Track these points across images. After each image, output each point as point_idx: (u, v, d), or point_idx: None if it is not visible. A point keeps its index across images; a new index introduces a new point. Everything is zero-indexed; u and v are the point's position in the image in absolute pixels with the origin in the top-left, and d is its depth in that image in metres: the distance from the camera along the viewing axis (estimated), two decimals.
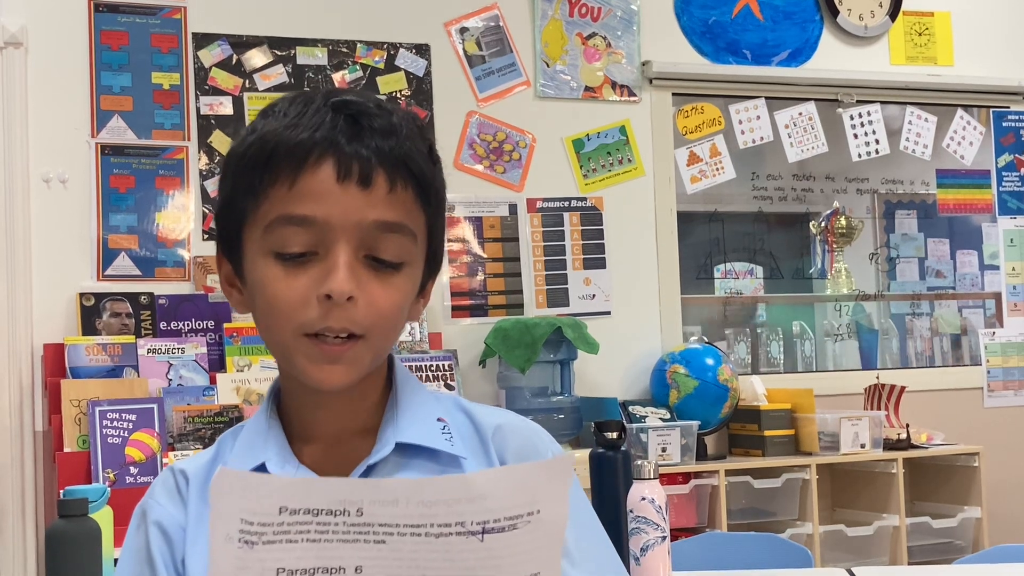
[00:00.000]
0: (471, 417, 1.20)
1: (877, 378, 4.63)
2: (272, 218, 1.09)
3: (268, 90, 4.14)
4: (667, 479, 3.89)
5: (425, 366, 3.87)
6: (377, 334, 1.10)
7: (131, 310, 3.83)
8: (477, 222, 4.33)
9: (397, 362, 1.21)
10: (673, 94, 4.69)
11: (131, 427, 3.47)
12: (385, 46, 4.30)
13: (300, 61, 4.19)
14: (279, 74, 4.16)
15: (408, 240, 1.11)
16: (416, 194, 1.12)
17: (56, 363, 3.69)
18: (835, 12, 4.91)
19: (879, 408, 4.53)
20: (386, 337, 1.12)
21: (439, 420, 1.17)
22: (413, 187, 1.11)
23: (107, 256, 3.93)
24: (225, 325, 3.83)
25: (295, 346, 1.09)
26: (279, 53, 4.18)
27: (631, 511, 2.05)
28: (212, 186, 4.06)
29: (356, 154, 1.08)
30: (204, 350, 3.76)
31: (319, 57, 4.22)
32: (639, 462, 2.09)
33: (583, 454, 2.53)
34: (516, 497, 0.87)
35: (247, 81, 4.13)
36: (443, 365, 3.92)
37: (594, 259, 4.50)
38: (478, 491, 0.86)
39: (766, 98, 4.82)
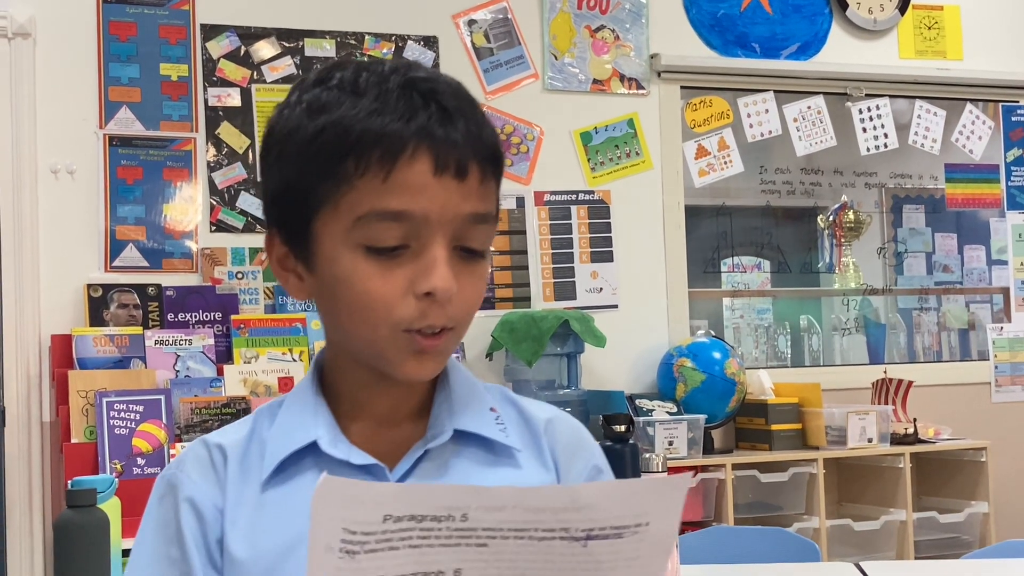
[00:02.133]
0: (519, 409, 1.18)
1: (884, 373, 4.62)
2: (363, 212, 1.03)
3: (276, 82, 4.14)
4: (674, 472, 3.88)
5: None
6: (465, 323, 1.09)
7: (139, 301, 3.83)
8: None
9: None
10: (681, 87, 4.69)
11: (138, 418, 3.47)
12: (393, 38, 4.30)
13: (308, 53, 4.19)
14: (287, 66, 4.16)
15: (492, 228, 1.10)
16: (495, 179, 1.11)
17: (64, 354, 3.69)
18: (844, 6, 4.89)
19: (886, 403, 4.52)
20: (469, 324, 1.10)
21: (492, 410, 1.15)
22: (495, 174, 1.10)
23: (115, 247, 3.93)
24: (232, 317, 3.83)
25: (390, 341, 1.06)
26: (287, 45, 4.17)
27: None
28: (220, 177, 4.06)
29: (452, 146, 1.04)
30: (211, 342, 3.76)
31: (327, 49, 4.21)
32: (647, 455, 2.09)
33: None
34: (625, 509, 0.85)
35: (255, 73, 4.13)
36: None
37: (601, 252, 4.50)
38: (585, 501, 0.85)
39: (775, 91, 4.81)
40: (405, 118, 1.03)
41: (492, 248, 1.17)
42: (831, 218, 5.02)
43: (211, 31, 4.10)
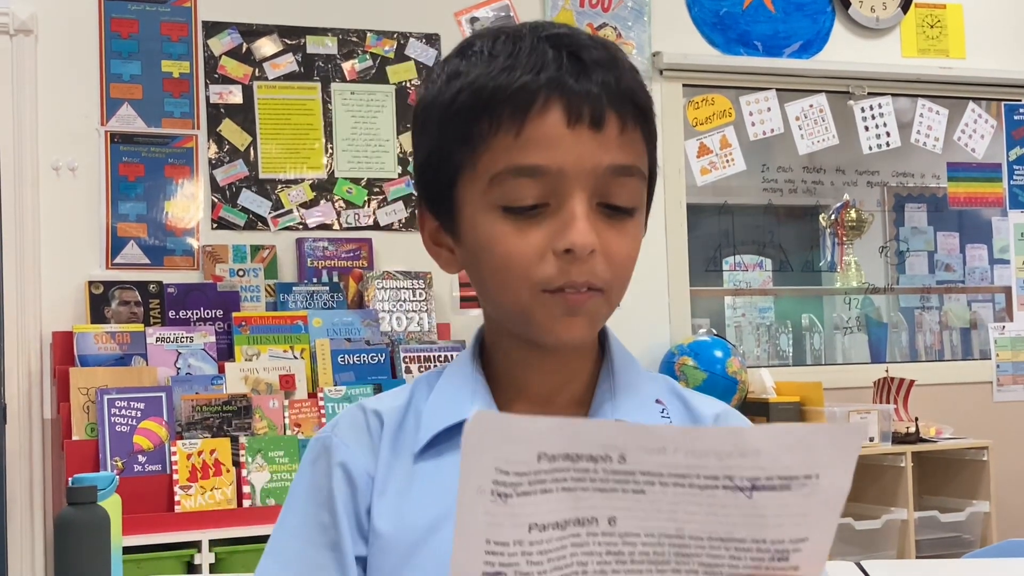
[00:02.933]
0: (686, 403, 1.14)
1: (886, 371, 4.62)
2: (498, 170, 1.00)
3: (278, 79, 4.14)
4: None
5: (433, 356, 3.87)
6: (616, 286, 1.04)
7: (140, 299, 3.83)
8: None
9: (611, 333, 1.13)
10: (683, 85, 4.68)
11: (139, 416, 3.47)
12: (395, 35, 4.29)
13: (310, 50, 4.19)
14: (289, 63, 4.16)
15: (639, 183, 1.06)
16: (643, 131, 1.06)
17: (65, 351, 3.69)
18: (847, 4, 4.89)
19: (888, 402, 4.52)
20: (622, 288, 1.05)
21: (657, 402, 1.11)
22: (640, 124, 1.05)
23: (116, 244, 3.93)
24: (234, 314, 3.83)
25: (534, 303, 1.01)
26: (289, 42, 4.17)
27: None
28: (221, 175, 4.06)
29: (586, 94, 1.00)
30: (213, 339, 3.75)
31: (329, 46, 4.21)
32: None
33: None
34: (793, 457, 0.80)
35: (257, 70, 4.13)
36: (451, 356, 3.92)
37: None
38: (752, 446, 0.79)
39: (777, 90, 4.81)
40: (536, 71, 1.00)
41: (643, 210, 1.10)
42: (833, 217, 5.02)
43: (213, 28, 4.09)
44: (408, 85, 4.27)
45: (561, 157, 0.99)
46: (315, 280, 4.04)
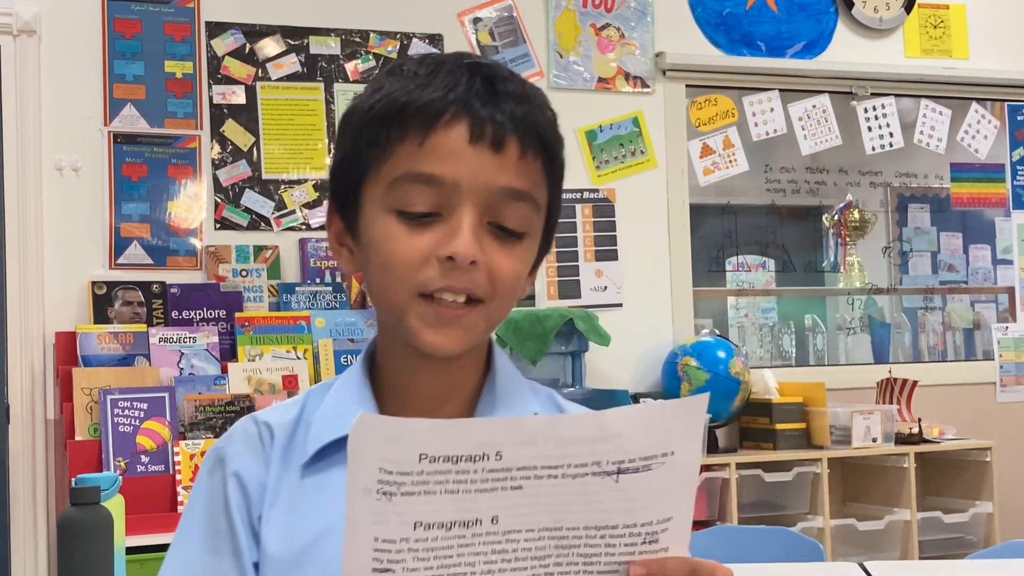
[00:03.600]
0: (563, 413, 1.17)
1: (889, 372, 4.61)
2: (398, 174, 1.05)
3: (281, 79, 4.14)
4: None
5: None
6: (496, 302, 1.07)
7: (143, 299, 3.83)
8: None
9: (496, 346, 1.17)
10: (687, 86, 4.68)
11: (142, 416, 3.48)
12: (398, 36, 4.29)
13: (313, 50, 4.19)
14: (292, 63, 4.16)
15: (532, 210, 1.08)
16: (544, 165, 1.09)
17: (68, 351, 3.70)
18: (850, 4, 4.89)
19: (891, 402, 4.52)
20: (502, 306, 1.08)
21: (535, 415, 1.12)
22: (542, 157, 1.09)
23: (119, 245, 3.93)
24: (237, 315, 3.83)
25: (410, 306, 1.05)
26: (292, 42, 4.17)
27: None
28: (224, 175, 4.06)
29: (490, 117, 1.04)
30: (216, 339, 3.76)
31: (332, 47, 4.21)
32: None
33: None
34: (651, 436, 0.86)
35: (260, 70, 4.13)
36: None
37: (606, 251, 4.50)
38: (613, 429, 0.85)
39: (780, 90, 4.81)
40: (447, 89, 1.05)
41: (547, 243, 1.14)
42: (836, 217, 5.02)
43: (216, 28, 4.10)
44: None
45: (458, 170, 1.04)
46: (318, 280, 4.04)
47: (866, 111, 4.93)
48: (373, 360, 1.15)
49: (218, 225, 4.04)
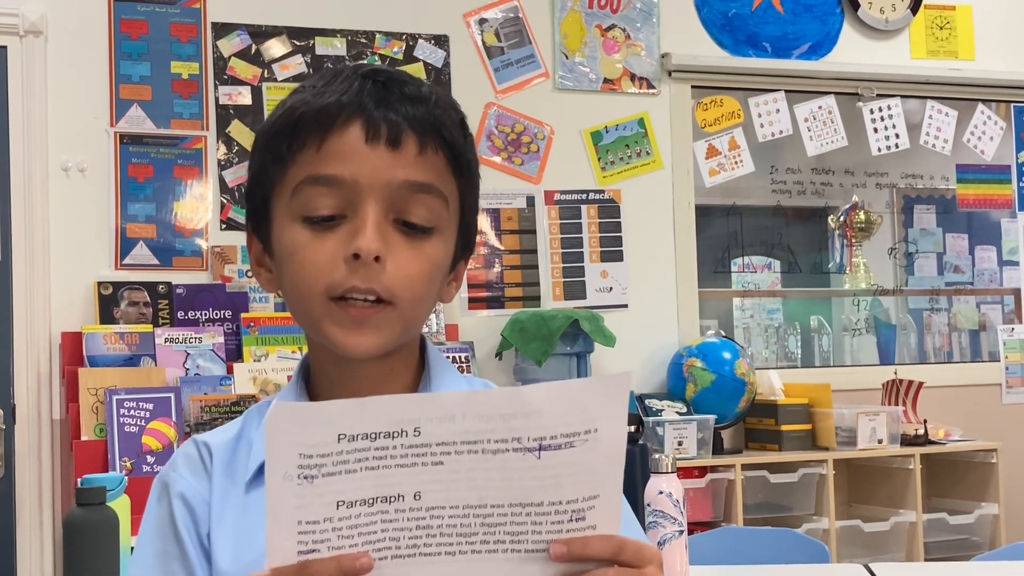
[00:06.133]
0: None
1: (895, 373, 4.61)
2: (299, 180, 1.06)
3: (287, 80, 4.14)
4: (683, 473, 3.88)
5: None
6: (407, 301, 1.07)
7: (149, 299, 3.84)
8: (494, 214, 4.33)
9: (430, 344, 1.18)
10: (692, 87, 4.68)
11: (148, 416, 3.48)
12: (404, 37, 4.30)
13: (319, 51, 4.19)
14: (298, 64, 4.16)
15: (439, 203, 1.08)
16: (448, 160, 1.09)
17: (74, 351, 3.70)
18: (856, 5, 4.88)
19: (897, 403, 4.51)
20: (416, 305, 1.09)
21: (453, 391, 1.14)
22: (445, 153, 1.08)
23: (125, 245, 3.93)
24: (242, 315, 3.83)
25: (322, 311, 1.06)
26: (298, 43, 4.17)
27: (648, 505, 2.05)
28: (231, 176, 4.06)
29: (384, 117, 1.05)
30: (221, 340, 3.76)
31: (338, 47, 4.22)
32: (657, 456, 2.08)
33: None
34: (572, 414, 0.85)
35: (266, 71, 4.13)
36: (459, 357, 3.92)
37: (611, 252, 4.50)
38: (533, 406, 0.84)
39: (786, 91, 4.80)
40: (341, 94, 1.06)
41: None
42: (842, 218, 5.01)
43: (222, 29, 4.10)
44: None
45: (356, 169, 1.05)
46: None
47: (872, 112, 4.93)
48: (308, 373, 1.17)
49: (224, 226, 4.05)
